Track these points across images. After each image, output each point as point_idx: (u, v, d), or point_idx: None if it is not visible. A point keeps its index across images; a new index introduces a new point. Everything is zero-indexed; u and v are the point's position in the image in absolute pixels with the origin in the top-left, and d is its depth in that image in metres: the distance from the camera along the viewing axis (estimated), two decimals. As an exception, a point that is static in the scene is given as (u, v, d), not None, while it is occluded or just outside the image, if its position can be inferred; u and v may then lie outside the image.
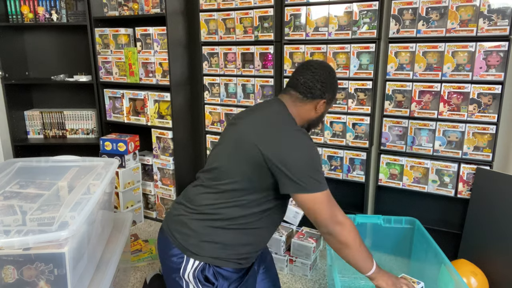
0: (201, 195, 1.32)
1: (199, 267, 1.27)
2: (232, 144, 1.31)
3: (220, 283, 1.28)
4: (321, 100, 1.36)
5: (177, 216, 1.35)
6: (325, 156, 2.25)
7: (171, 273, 1.32)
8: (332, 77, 1.38)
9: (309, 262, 2.04)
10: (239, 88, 2.43)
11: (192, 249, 1.27)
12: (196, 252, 1.27)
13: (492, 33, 1.77)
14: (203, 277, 1.28)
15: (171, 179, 2.61)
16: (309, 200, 1.23)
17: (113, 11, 2.66)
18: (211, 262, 1.27)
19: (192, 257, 1.27)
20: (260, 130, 1.28)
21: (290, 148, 1.22)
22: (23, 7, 2.67)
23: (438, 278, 1.62)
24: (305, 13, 2.14)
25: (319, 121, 1.45)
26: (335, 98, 1.46)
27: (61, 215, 1.28)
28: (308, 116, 1.38)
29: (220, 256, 1.28)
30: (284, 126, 1.29)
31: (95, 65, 2.70)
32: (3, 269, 1.18)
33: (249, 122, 1.34)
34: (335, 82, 1.40)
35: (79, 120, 2.89)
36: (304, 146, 1.25)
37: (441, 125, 1.95)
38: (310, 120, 1.40)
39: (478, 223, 1.90)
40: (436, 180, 2.01)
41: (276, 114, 1.34)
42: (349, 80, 2.11)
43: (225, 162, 1.30)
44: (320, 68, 1.36)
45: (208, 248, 1.27)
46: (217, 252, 1.28)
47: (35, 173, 1.73)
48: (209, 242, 1.28)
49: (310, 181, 1.21)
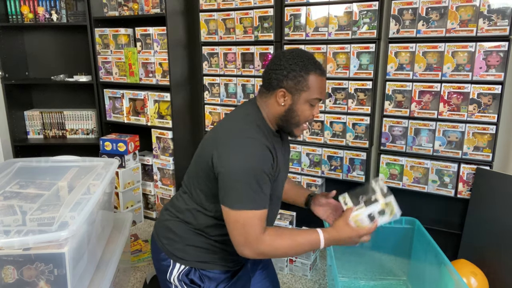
0: (180, 200, 1.32)
1: (184, 271, 1.27)
2: (198, 151, 1.29)
3: (207, 285, 1.26)
4: (278, 91, 1.18)
5: (163, 221, 1.35)
6: (325, 156, 2.25)
7: (161, 276, 1.33)
8: (289, 63, 1.17)
9: (309, 262, 2.04)
10: (239, 88, 2.43)
11: (177, 253, 1.27)
12: (181, 256, 1.27)
13: (492, 33, 1.77)
14: (189, 280, 1.27)
15: (171, 179, 2.61)
16: (226, 213, 1.12)
17: (113, 11, 2.66)
18: (196, 266, 1.27)
19: (178, 261, 1.27)
20: (217, 137, 1.19)
21: (230, 156, 1.11)
22: (23, 7, 2.67)
23: (438, 278, 1.62)
24: (305, 13, 2.14)
25: (293, 118, 1.21)
26: (303, 85, 1.17)
27: (61, 215, 1.28)
28: (276, 111, 1.22)
29: (205, 260, 1.27)
30: (239, 132, 1.17)
31: (95, 65, 2.71)
32: (3, 269, 1.18)
33: (216, 127, 1.27)
34: (294, 68, 1.17)
35: (79, 120, 2.89)
36: (246, 156, 1.10)
37: (441, 125, 1.95)
38: (280, 115, 1.22)
39: (478, 223, 1.90)
40: (436, 180, 2.01)
41: (241, 118, 1.23)
42: (349, 80, 2.11)
43: (192, 168, 1.28)
44: (277, 56, 1.22)
45: (192, 253, 1.27)
46: (202, 256, 1.27)
47: (35, 173, 1.73)
48: (193, 246, 1.27)
49: (230, 193, 1.10)
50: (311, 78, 1.17)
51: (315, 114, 1.23)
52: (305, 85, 1.18)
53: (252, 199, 1.10)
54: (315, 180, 2.30)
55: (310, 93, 1.18)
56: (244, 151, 1.11)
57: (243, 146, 1.12)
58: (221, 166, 1.11)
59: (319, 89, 1.19)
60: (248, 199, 1.09)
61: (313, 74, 1.18)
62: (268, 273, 1.51)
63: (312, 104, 1.20)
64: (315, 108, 1.22)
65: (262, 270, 1.50)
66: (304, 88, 1.18)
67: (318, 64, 1.20)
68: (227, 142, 1.14)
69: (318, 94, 1.19)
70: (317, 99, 1.20)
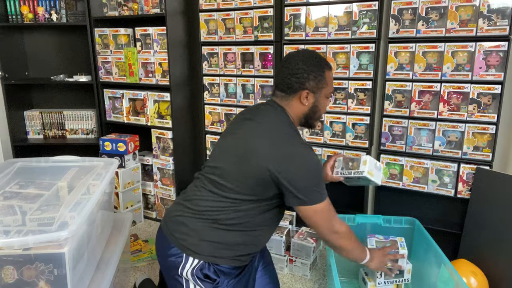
0: (202, 198, 1.33)
1: (198, 265, 1.28)
2: (236, 158, 1.30)
3: (222, 279, 1.30)
4: (302, 92, 1.32)
5: (176, 216, 1.35)
6: (325, 156, 2.25)
7: (169, 271, 1.33)
8: (307, 65, 1.31)
9: (309, 262, 2.04)
10: (239, 88, 2.43)
11: (192, 248, 1.28)
12: (196, 251, 1.28)
13: (491, 33, 1.77)
14: (203, 275, 1.29)
15: (171, 179, 2.61)
16: (310, 211, 1.29)
17: (112, 11, 2.66)
18: (211, 261, 1.28)
19: (191, 255, 1.28)
20: (266, 147, 1.26)
21: (296, 167, 1.23)
22: (22, 7, 2.67)
23: (438, 278, 1.62)
24: (305, 13, 2.14)
25: (316, 113, 1.39)
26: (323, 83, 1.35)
27: (61, 215, 1.28)
28: (300, 111, 1.36)
29: (220, 255, 1.29)
30: (289, 140, 1.29)
31: (94, 65, 2.70)
32: (3, 269, 1.18)
33: (252, 134, 1.32)
34: (313, 69, 1.32)
35: (79, 120, 2.89)
36: (308, 163, 1.26)
37: (441, 125, 1.95)
38: (305, 114, 1.38)
39: (478, 223, 1.90)
40: (436, 180, 2.01)
41: (277, 124, 1.33)
42: (349, 80, 2.11)
43: (229, 169, 1.30)
44: (291, 59, 1.34)
45: (208, 247, 1.28)
46: (217, 251, 1.29)
47: (35, 173, 1.73)
48: (209, 241, 1.29)
49: (312, 194, 1.27)
50: (327, 75, 1.35)
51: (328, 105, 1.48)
52: (324, 82, 1.35)
53: (324, 190, 1.30)
54: (315, 180, 2.30)
55: (328, 88, 1.38)
56: (306, 160, 1.26)
57: (304, 155, 1.26)
58: (293, 178, 1.23)
59: (332, 83, 1.42)
60: (323, 191, 1.29)
61: (327, 70, 1.36)
62: (268, 269, 1.53)
63: (328, 97, 1.41)
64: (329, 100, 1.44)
65: (264, 267, 1.52)
66: (324, 85, 1.35)
67: (326, 60, 1.39)
68: (285, 154, 1.24)
69: (332, 88, 1.42)
70: (332, 92, 1.45)
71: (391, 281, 1.73)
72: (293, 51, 1.42)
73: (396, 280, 1.74)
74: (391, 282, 1.74)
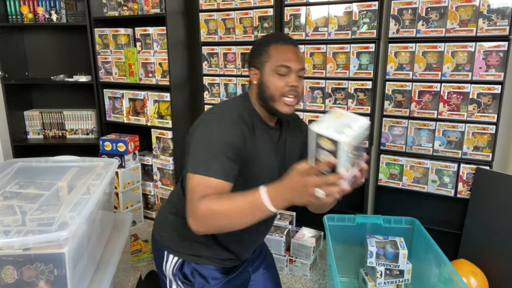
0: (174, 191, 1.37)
1: (177, 264, 1.28)
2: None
3: (197, 281, 1.26)
4: (250, 71, 1.25)
5: (162, 215, 1.38)
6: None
7: (158, 268, 1.35)
8: (256, 43, 1.26)
9: (309, 262, 2.04)
10: (239, 88, 2.43)
11: (172, 245, 1.29)
12: (175, 249, 1.28)
13: (491, 33, 1.77)
14: (182, 275, 1.28)
15: (170, 179, 2.61)
16: (188, 179, 1.07)
17: (112, 11, 2.66)
18: (189, 259, 1.27)
19: (171, 253, 1.29)
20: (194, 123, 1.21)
21: (196, 126, 1.15)
22: (22, 7, 2.67)
23: (438, 278, 1.62)
24: (305, 13, 2.14)
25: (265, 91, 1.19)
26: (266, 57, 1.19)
27: (61, 215, 1.28)
28: (254, 92, 1.24)
29: (198, 254, 1.27)
30: (213, 109, 1.21)
31: (94, 65, 2.70)
32: (3, 269, 1.18)
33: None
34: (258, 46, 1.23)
35: (78, 120, 2.89)
36: (209, 124, 1.13)
37: (441, 125, 1.95)
38: (257, 94, 1.23)
39: (478, 223, 1.90)
40: (436, 180, 2.01)
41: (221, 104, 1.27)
42: (349, 80, 2.11)
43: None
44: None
45: (187, 245, 1.28)
46: (196, 250, 1.28)
47: (35, 173, 1.72)
48: (188, 239, 1.27)
49: (195, 160, 1.07)
50: (271, 49, 1.20)
51: (290, 83, 1.17)
52: (267, 56, 1.19)
53: (215, 167, 1.04)
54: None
55: (273, 62, 1.18)
56: (209, 121, 1.14)
57: (209, 116, 1.17)
58: (189, 136, 1.14)
59: (283, 56, 1.18)
60: (212, 166, 1.04)
61: (274, 44, 1.20)
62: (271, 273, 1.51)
63: (279, 73, 1.17)
64: (288, 78, 1.18)
65: (266, 271, 1.49)
66: (266, 59, 1.19)
67: (282, 36, 1.24)
68: (197, 121, 1.17)
69: (281, 61, 1.17)
70: (282, 66, 1.17)
71: (391, 281, 1.73)
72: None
73: (396, 280, 1.74)
74: (391, 282, 1.74)
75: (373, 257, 1.77)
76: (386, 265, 1.76)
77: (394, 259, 1.75)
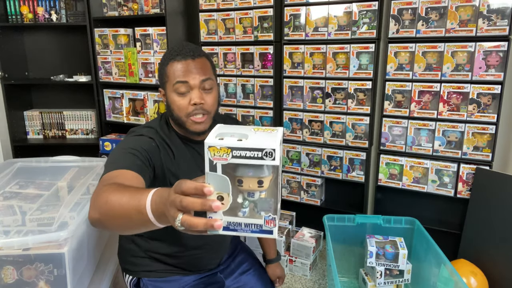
0: None
1: (133, 282, 1.31)
2: None
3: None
4: (160, 91, 1.22)
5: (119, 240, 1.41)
6: (325, 156, 2.25)
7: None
8: (160, 62, 1.21)
9: (309, 262, 2.05)
10: (239, 88, 2.43)
11: (126, 266, 1.33)
12: (129, 268, 1.32)
13: (491, 33, 1.77)
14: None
15: (170, 179, 2.61)
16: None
17: (112, 11, 2.66)
18: (143, 276, 1.30)
19: (127, 273, 1.33)
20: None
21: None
22: (22, 7, 2.67)
23: (438, 278, 1.62)
24: (305, 13, 2.14)
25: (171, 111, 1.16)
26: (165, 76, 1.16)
27: (61, 216, 1.28)
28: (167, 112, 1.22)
29: (150, 269, 1.29)
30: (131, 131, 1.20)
31: (94, 65, 2.70)
32: (2, 269, 1.18)
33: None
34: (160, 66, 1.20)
35: (78, 120, 2.89)
36: (123, 141, 1.11)
37: (441, 125, 1.95)
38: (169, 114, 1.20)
39: (478, 223, 1.90)
40: (436, 180, 2.01)
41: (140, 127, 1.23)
42: (348, 80, 2.11)
43: None
44: None
45: (138, 263, 1.30)
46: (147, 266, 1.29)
47: (34, 173, 1.72)
48: (137, 257, 1.30)
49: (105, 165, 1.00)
50: (168, 67, 1.15)
51: (193, 101, 1.12)
52: (166, 75, 1.15)
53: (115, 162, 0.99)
54: (315, 180, 2.30)
55: (171, 81, 1.14)
56: (126, 137, 1.13)
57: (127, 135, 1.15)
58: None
59: (178, 73, 1.12)
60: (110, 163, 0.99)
61: (170, 62, 1.14)
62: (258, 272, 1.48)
63: (178, 91, 1.12)
64: (190, 94, 1.12)
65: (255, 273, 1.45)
66: (165, 79, 1.15)
67: (180, 50, 1.14)
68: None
69: (177, 78, 1.12)
70: (179, 82, 1.12)
71: (391, 281, 1.73)
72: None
73: (396, 280, 1.74)
74: (391, 282, 1.74)
75: (373, 257, 1.77)
76: (386, 265, 1.76)
77: (394, 259, 1.75)
